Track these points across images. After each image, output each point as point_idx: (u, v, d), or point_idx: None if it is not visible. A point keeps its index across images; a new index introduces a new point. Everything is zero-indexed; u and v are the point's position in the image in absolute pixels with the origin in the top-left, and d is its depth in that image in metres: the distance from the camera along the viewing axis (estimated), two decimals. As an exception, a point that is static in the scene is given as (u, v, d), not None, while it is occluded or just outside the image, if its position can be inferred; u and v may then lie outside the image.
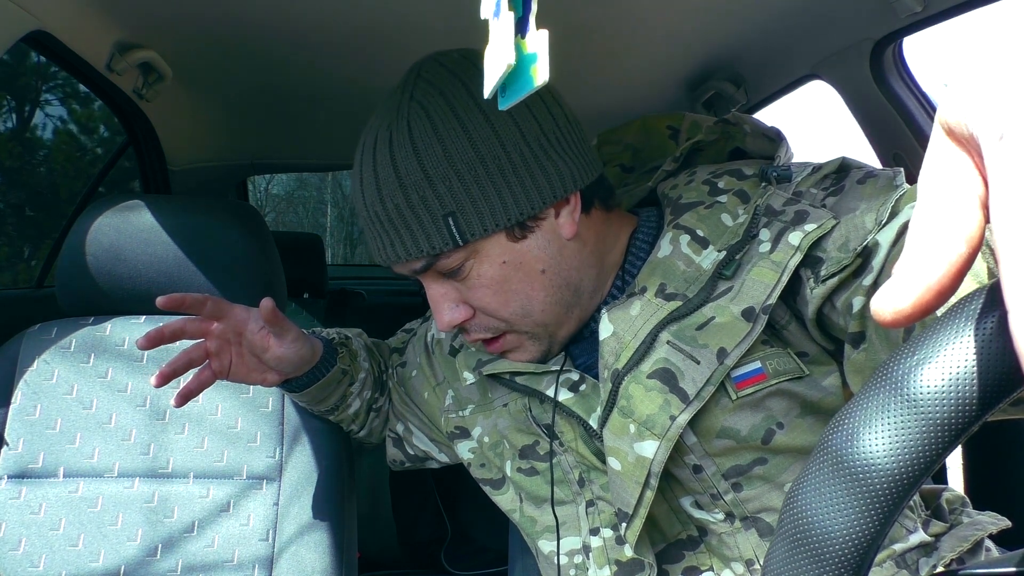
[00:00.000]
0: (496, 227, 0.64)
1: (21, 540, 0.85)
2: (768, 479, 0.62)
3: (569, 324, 0.71)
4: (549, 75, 0.29)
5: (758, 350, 0.61)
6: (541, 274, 0.67)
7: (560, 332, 0.71)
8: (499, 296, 0.66)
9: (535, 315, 0.68)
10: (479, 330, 0.69)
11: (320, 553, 0.88)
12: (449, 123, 0.63)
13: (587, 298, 0.71)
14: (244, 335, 0.73)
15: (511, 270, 0.66)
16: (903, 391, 0.23)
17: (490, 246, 0.65)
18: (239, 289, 0.97)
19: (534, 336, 0.70)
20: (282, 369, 0.76)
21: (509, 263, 0.65)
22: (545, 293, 0.67)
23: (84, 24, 1.08)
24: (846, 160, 0.64)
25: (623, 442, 0.62)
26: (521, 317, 0.68)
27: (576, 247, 0.68)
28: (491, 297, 0.66)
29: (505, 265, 0.65)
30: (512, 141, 0.64)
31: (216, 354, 0.73)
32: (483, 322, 0.69)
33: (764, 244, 0.61)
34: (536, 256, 0.66)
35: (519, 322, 0.68)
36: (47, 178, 2.86)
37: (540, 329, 0.70)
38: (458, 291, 0.67)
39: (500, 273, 0.65)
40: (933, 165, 0.21)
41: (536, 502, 0.75)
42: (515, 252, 0.66)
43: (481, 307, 0.67)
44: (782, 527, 0.26)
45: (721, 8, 1.13)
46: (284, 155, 1.98)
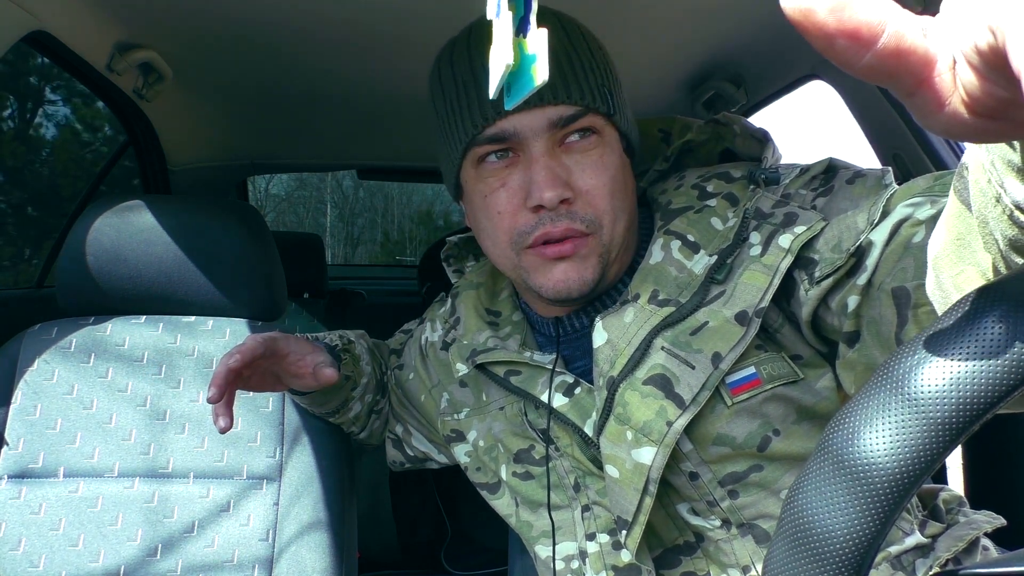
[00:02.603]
0: (624, 126, 0.67)
1: (21, 540, 0.85)
2: (764, 486, 0.62)
3: (613, 270, 0.69)
4: (549, 74, 0.29)
5: (752, 355, 0.61)
6: (632, 192, 0.69)
7: (610, 271, 0.68)
8: (611, 184, 0.65)
9: (621, 224, 0.66)
10: (573, 218, 0.63)
11: (320, 553, 0.88)
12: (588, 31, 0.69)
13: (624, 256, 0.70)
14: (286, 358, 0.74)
15: (623, 168, 0.67)
16: (903, 391, 0.23)
17: (615, 138, 0.67)
18: (239, 289, 0.97)
19: (603, 256, 0.66)
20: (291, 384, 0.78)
21: (622, 161, 0.68)
22: (632, 210, 0.68)
23: (84, 24, 1.08)
24: (833, 161, 0.64)
25: (621, 449, 0.62)
26: (615, 220, 0.65)
27: None
28: (607, 183, 0.64)
29: (621, 159, 0.67)
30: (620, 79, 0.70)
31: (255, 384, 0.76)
32: (581, 210, 0.64)
33: (755, 247, 0.61)
34: (630, 175, 0.70)
35: (610, 226, 0.65)
36: (48, 178, 2.86)
37: (615, 248, 0.67)
38: (567, 172, 0.64)
39: (618, 163, 0.66)
40: None
41: (532, 507, 0.75)
42: (624, 157, 0.69)
43: (590, 189, 0.64)
44: (782, 526, 0.26)
45: (721, 8, 1.13)
46: (284, 155, 1.98)
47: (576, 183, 0.64)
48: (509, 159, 0.65)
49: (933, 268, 0.37)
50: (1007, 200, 0.26)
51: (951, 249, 0.34)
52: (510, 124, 0.63)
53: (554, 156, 0.63)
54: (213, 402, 0.66)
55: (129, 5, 1.07)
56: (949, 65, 0.21)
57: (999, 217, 0.27)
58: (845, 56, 0.20)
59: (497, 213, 0.66)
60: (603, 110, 0.64)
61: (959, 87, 0.21)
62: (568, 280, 0.65)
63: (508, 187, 0.65)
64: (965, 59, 0.20)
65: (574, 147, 0.64)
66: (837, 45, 0.20)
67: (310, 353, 0.75)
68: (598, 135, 0.64)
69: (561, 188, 0.62)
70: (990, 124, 0.21)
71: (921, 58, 0.21)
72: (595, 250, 0.65)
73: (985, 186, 0.28)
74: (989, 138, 0.22)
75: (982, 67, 0.20)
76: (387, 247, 9.20)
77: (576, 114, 0.63)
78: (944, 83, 0.21)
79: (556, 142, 0.64)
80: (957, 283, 0.34)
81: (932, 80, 0.21)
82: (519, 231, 0.65)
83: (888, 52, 0.20)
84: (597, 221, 0.64)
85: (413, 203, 8.76)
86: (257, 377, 0.74)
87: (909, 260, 0.48)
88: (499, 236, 0.67)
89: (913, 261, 0.47)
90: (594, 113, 0.64)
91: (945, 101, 0.21)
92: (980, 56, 0.19)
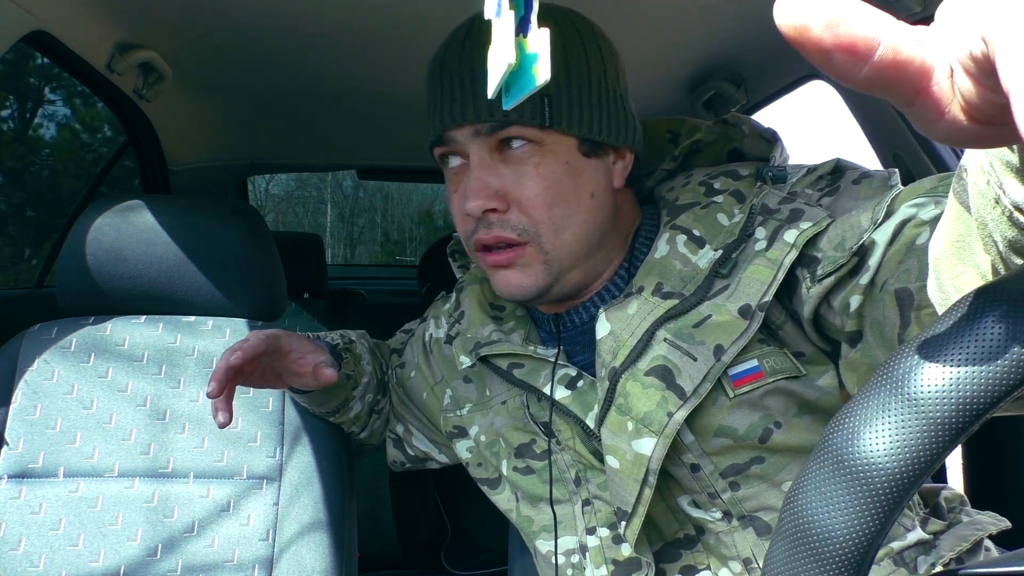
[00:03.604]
0: (578, 131, 0.65)
1: (21, 540, 0.85)
2: (765, 478, 0.62)
3: (576, 274, 0.69)
4: (550, 74, 0.29)
5: (755, 348, 0.61)
6: (590, 197, 0.67)
7: (567, 276, 0.68)
8: (549, 193, 0.64)
9: (567, 232, 0.66)
10: (504, 227, 0.65)
11: (320, 553, 0.88)
12: (570, 31, 0.67)
13: (601, 261, 0.70)
14: (288, 355, 0.75)
15: (568, 175, 0.65)
16: (903, 391, 0.23)
17: (561, 145, 0.65)
18: (239, 289, 0.97)
19: (550, 261, 0.67)
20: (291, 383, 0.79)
21: (570, 167, 0.66)
22: (585, 216, 0.67)
23: (84, 24, 1.08)
24: (840, 161, 0.64)
25: (621, 440, 0.62)
26: (556, 228, 0.65)
27: (615, 203, 0.70)
28: (542, 192, 0.64)
29: (567, 167, 0.65)
30: (613, 76, 0.68)
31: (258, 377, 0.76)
32: (514, 220, 0.65)
33: (760, 242, 0.62)
34: (591, 178, 0.67)
35: (550, 235, 0.65)
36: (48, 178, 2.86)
37: (561, 255, 0.67)
38: (503, 182, 0.65)
39: (560, 171, 0.65)
40: None
41: (532, 501, 0.75)
42: (578, 163, 0.66)
43: (525, 200, 0.65)
44: (782, 526, 0.26)
45: (721, 8, 1.13)
46: (284, 155, 1.98)
47: (511, 192, 0.65)
48: (462, 164, 0.68)
49: (934, 270, 0.37)
50: (1006, 202, 0.26)
51: (951, 251, 0.34)
52: (450, 133, 0.66)
53: (488, 166, 0.65)
54: (212, 397, 0.66)
55: (129, 5, 1.07)
56: (947, 73, 0.21)
57: (998, 219, 0.27)
58: (842, 70, 0.21)
59: (454, 215, 0.70)
60: (534, 123, 0.63)
61: (957, 94, 0.21)
62: (511, 286, 0.68)
63: (459, 191, 0.68)
64: (961, 67, 0.20)
65: (511, 157, 0.65)
66: (834, 60, 0.20)
67: (311, 352, 0.76)
68: (535, 144, 0.64)
69: (486, 198, 0.64)
70: (990, 130, 0.21)
71: (918, 68, 0.21)
72: (536, 258, 0.66)
73: (984, 188, 0.28)
74: (989, 144, 0.22)
75: (978, 74, 0.20)
76: (387, 247, 9.20)
77: (494, 126, 0.64)
78: (943, 91, 0.21)
79: (493, 150, 0.65)
80: (957, 285, 0.34)
81: (930, 89, 0.21)
82: (466, 234, 0.69)
83: (885, 64, 0.20)
84: (532, 230, 0.65)
85: (413, 203, 8.75)
86: (258, 374, 0.75)
87: (912, 261, 0.48)
88: (460, 235, 0.71)
89: (916, 262, 0.47)
90: (523, 125, 0.63)
91: (944, 109, 0.21)
92: (975, 64, 0.20)
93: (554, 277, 0.67)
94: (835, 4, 0.20)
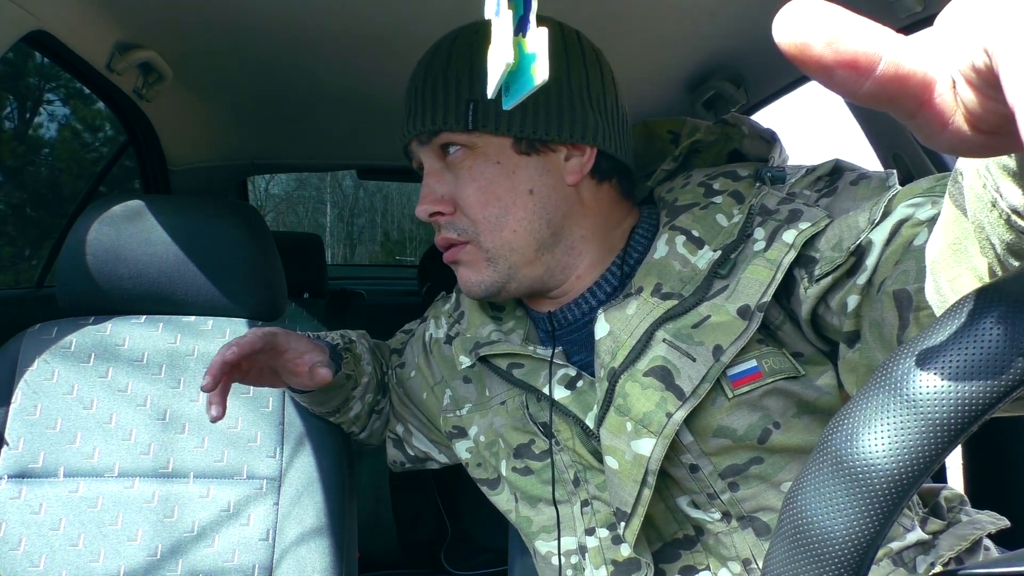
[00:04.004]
0: (509, 130, 0.67)
1: (21, 540, 0.85)
2: (765, 478, 0.62)
3: (535, 269, 0.71)
4: (549, 74, 0.29)
5: (753, 349, 0.61)
6: (528, 194, 0.69)
7: (522, 271, 0.71)
8: (482, 194, 0.68)
9: (505, 230, 0.68)
10: (449, 228, 0.70)
11: (320, 553, 0.88)
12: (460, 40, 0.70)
13: (565, 255, 0.71)
14: (284, 354, 0.75)
15: (501, 175, 0.68)
16: (903, 391, 0.23)
17: (492, 147, 0.68)
18: (239, 289, 0.97)
19: (493, 259, 0.70)
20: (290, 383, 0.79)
21: (503, 166, 0.68)
22: (525, 213, 0.69)
23: (84, 24, 1.08)
24: (839, 162, 0.64)
25: (620, 441, 0.62)
26: (492, 227, 0.68)
27: (573, 198, 0.71)
28: (475, 193, 0.68)
29: (498, 166, 0.68)
30: (556, 76, 0.68)
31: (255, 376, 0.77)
32: (458, 221, 0.70)
33: (759, 243, 0.62)
34: (530, 176, 0.69)
35: (488, 233, 0.69)
36: (48, 178, 2.86)
37: (504, 252, 0.69)
38: (449, 187, 0.70)
39: (491, 172, 0.68)
40: None
41: (531, 502, 0.75)
42: (512, 161, 0.68)
43: (462, 202, 0.69)
44: (782, 527, 0.26)
45: (721, 8, 1.13)
46: (284, 155, 1.98)
47: (456, 196, 0.69)
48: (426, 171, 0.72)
49: (931, 272, 0.37)
50: (1003, 205, 0.26)
51: (948, 254, 0.34)
52: (409, 147, 0.72)
53: (436, 173, 0.70)
54: (206, 391, 0.67)
55: (129, 5, 1.07)
56: (949, 84, 0.21)
57: (995, 222, 0.27)
58: (845, 85, 0.20)
59: None
60: (459, 127, 0.67)
61: (960, 105, 0.21)
62: (467, 283, 0.72)
63: None
64: (963, 78, 0.20)
65: (450, 162, 0.70)
66: (836, 76, 0.20)
67: (308, 352, 0.76)
68: (465, 148, 0.68)
69: (431, 203, 0.70)
70: (994, 139, 0.21)
71: (920, 81, 0.21)
72: (476, 255, 0.70)
73: (980, 191, 0.28)
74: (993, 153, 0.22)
75: (981, 85, 0.20)
76: (387, 247, 9.20)
77: (429, 135, 0.69)
78: (945, 103, 0.21)
79: (439, 158, 0.70)
80: (955, 287, 0.34)
81: (933, 101, 0.21)
82: None
83: (887, 78, 0.20)
84: (472, 230, 0.69)
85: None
86: (255, 372, 0.75)
87: (911, 262, 0.48)
88: None
89: (915, 263, 0.47)
90: (450, 130, 0.67)
91: (947, 120, 0.21)
92: (978, 75, 0.19)
93: (505, 274, 0.70)
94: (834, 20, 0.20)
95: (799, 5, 0.20)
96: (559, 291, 0.73)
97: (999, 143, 0.21)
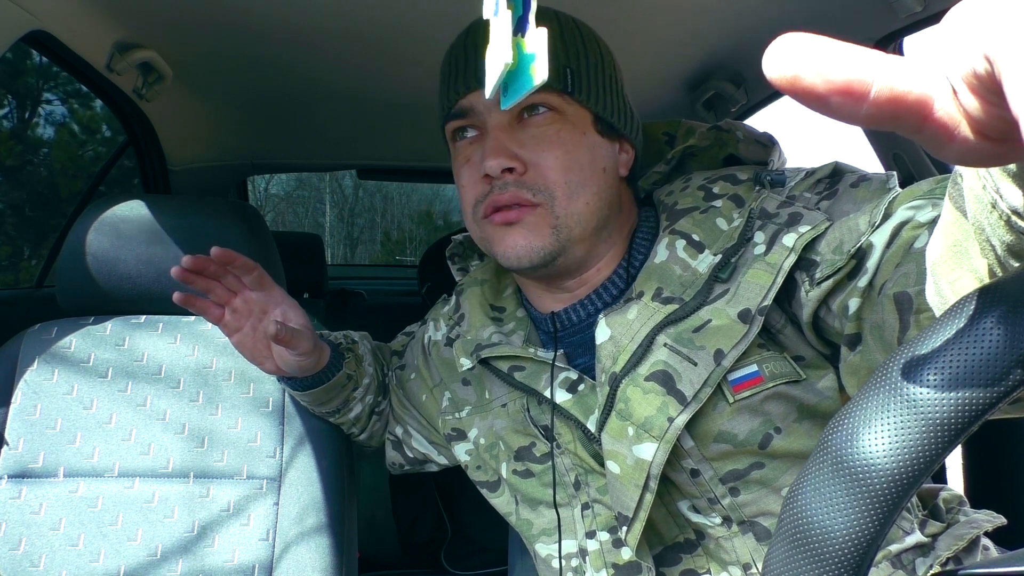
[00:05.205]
0: (595, 106, 0.68)
1: (21, 540, 0.85)
2: (765, 483, 0.62)
3: (584, 248, 0.69)
4: (548, 74, 0.29)
5: (754, 353, 0.61)
6: (603, 172, 0.69)
7: (576, 247, 0.69)
8: (564, 159, 0.67)
9: (579, 201, 0.67)
10: (522, 187, 0.66)
11: (320, 553, 0.88)
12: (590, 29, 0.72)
13: (603, 244, 0.71)
14: (266, 315, 0.76)
15: (585, 146, 0.68)
16: (903, 391, 0.23)
17: (579, 117, 0.68)
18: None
19: (559, 227, 0.67)
20: (280, 364, 0.78)
21: (587, 138, 0.69)
22: (598, 189, 0.69)
23: (84, 24, 1.08)
24: (839, 165, 0.64)
25: (622, 445, 0.62)
26: (570, 194, 0.67)
27: (620, 190, 0.72)
28: (558, 157, 0.67)
29: (584, 137, 0.68)
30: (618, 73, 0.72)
31: (235, 311, 0.76)
32: (530, 180, 0.66)
33: (759, 246, 0.62)
34: (604, 155, 0.70)
35: (564, 199, 0.66)
36: (47, 178, 2.86)
37: (571, 223, 0.67)
38: (521, 145, 0.67)
39: (577, 139, 0.68)
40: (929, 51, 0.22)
41: (531, 504, 0.75)
42: (594, 136, 0.69)
43: (543, 163, 0.67)
44: (782, 527, 0.26)
45: (721, 8, 1.13)
46: (284, 155, 1.98)
47: (529, 156, 0.67)
48: (474, 136, 0.70)
49: (932, 274, 0.37)
50: (1003, 206, 0.26)
51: (948, 256, 0.34)
52: (468, 101, 0.68)
53: (508, 130, 0.67)
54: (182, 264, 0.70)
55: (129, 5, 1.07)
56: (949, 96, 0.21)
57: (995, 223, 0.27)
58: (842, 112, 0.21)
59: (462, 186, 0.71)
60: (558, 87, 0.66)
61: (964, 114, 0.21)
62: (518, 247, 0.68)
63: (471, 162, 0.70)
64: (966, 86, 0.20)
65: (530, 123, 0.67)
66: (832, 104, 0.20)
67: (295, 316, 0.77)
68: (556, 112, 0.67)
69: (504, 158, 0.66)
70: (1002, 147, 0.21)
71: (917, 98, 0.21)
72: (545, 219, 0.67)
73: (980, 192, 0.28)
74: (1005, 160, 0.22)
75: (984, 92, 0.20)
76: (387, 247, 9.20)
77: None
78: (948, 115, 0.21)
79: (514, 117, 0.68)
80: (955, 289, 0.34)
81: (934, 115, 0.21)
82: (476, 200, 0.69)
83: (883, 100, 0.20)
84: (548, 191, 0.67)
85: (413, 203, 8.75)
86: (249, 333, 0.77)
87: (911, 265, 0.48)
88: (466, 208, 0.72)
89: (915, 266, 0.47)
90: (547, 91, 0.66)
91: (953, 131, 0.21)
92: (980, 82, 0.19)
93: (561, 244, 0.68)
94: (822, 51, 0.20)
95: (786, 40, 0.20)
96: (577, 282, 0.73)
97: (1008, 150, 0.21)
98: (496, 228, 0.69)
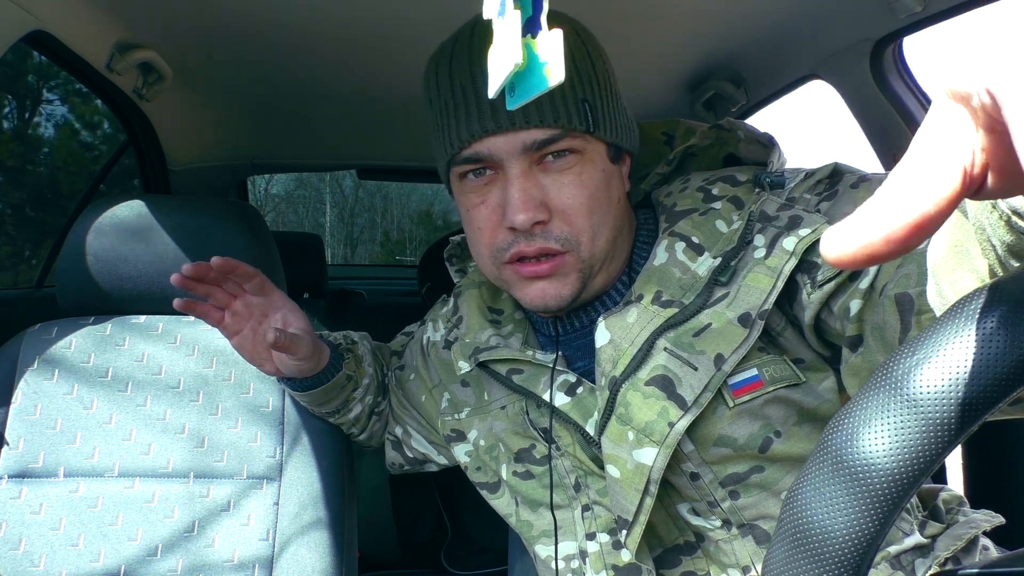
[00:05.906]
0: (610, 136, 0.66)
1: (21, 540, 0.85)
2: (765, 487, 0.62)
3: (599, 280, 0.69)
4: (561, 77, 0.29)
5: (754, 357, 0.61)
6: (617, 202, 0.68)
7: (593, 283, 0.68)
8: (589, 203, 0.64)
9: (602, 239, 0.66)
10: (548, 238, 0.64)
11: (320, 553, 0.88)
12: (584, 37, 0.67)
13: (613, 264, 0.70)
14: (266, 319, 0.77)
15: (604, 182, 0.66)
16: (903, 391, 0.23)
17: (597, 152, 0.66)
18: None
19: (583, 270, 0.66)
20: (280, 367, 0.78)
21: (605, 173, 0.66)
22: (614, 220, 0.67)
23: (84, 24, 1.08)
24: (839, 166, 0.64)
25: (622, 450, 0.62)
26: (593, 236, 0.65)
27: (626, 205, 0.71)
28: (583, 199, 0.64)
29: (603, 173, 0.66)
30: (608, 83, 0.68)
31: (235, 314, 0.76)
32: (557, 230, 0.64)
33: (759, 250, 0.61)
34: (616, 184, 0.68)
35: (589, 243, 0.65)
36: (48, 178, 2.86)
37: (595, 262, 0.67)
38: (543, 191, 0.64)
39: (598, 179, 0.65)
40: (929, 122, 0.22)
41: (532, 506, 0.75)
42: (609, 168, 0.67)
43: (567, 208, 0.64)
44: (782, 527, 0.26)
45: (721, 8, 1.13)
46: (284, 155, 1.98)
47: (552, 202, 0.64)
48: (488, 176, 0.66)
49: (933, 275, 0.37)
50: (1003, 206, 0.26)
51: (949, 256, 0.34)
52: (484, 147, 0.63)
53: (530, 176, 0.63)
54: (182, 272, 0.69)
55: (129, 5, 1.07)
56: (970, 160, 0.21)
57: (996, 223, 0.27)
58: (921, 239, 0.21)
59: (478, 228, 0.67)
60: (581, 128, 0.63)
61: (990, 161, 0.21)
62: (546, 297, 0.67)
63: (487, 204, 0.66)
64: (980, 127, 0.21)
65: (551, 167, 0.64)
66: (911, 244, 0.21)
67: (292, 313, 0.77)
68: (577, 154, 0.64)
69: (534, 211, 0.62)
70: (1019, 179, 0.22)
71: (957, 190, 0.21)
72: (573, 267, 0.66)
73: None
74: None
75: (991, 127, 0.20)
76: (387, 247, 9.20)
77: (551, 137, 0.62)
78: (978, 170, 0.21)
79: (533, 162, 0.64)
80: (956, 290, 0.34)
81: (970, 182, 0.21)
82: (497, 247, 0.66)
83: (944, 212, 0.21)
84: (574, 239, 0.65)
85: (412, 203, 8.76)
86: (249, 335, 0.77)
87: (912, 266, 0.48)
88: (481, 249, 0.69)
89: (916, 267, 0.47)
90: (572, 134, 0.63)
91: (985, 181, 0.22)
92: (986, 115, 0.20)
93: (584, 284, 0.67)
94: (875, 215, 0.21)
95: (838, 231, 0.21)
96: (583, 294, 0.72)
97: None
98: (521, 277, 0.67)
